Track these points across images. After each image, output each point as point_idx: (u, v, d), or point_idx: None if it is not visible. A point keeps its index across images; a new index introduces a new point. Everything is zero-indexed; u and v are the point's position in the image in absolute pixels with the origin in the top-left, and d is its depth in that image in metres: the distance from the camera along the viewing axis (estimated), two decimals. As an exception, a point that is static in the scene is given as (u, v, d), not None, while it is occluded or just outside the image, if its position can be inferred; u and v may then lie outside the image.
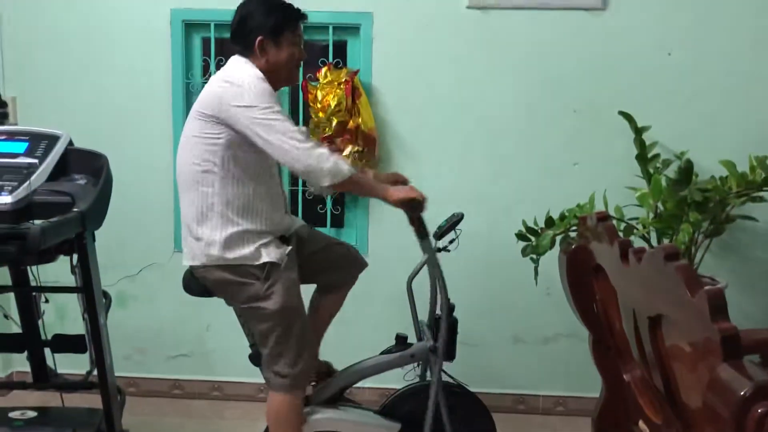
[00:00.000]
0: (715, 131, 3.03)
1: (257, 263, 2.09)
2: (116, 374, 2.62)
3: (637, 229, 2.62)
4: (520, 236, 2.62)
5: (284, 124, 2.03)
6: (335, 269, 2.41)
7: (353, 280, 2.47)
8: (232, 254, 2.09)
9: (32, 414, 2.52)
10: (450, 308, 2.36)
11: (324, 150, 2.04)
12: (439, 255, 2.33)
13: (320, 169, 2.02)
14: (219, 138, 2.06)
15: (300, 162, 2.01)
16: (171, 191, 3.21)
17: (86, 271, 2.29)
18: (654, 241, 2.70)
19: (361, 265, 2.47)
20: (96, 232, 2.44)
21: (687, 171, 2.46)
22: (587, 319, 2.36)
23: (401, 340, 2.37)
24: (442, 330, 2.26)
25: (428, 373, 2.46)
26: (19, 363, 3.23)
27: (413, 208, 2.18)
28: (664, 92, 3.04)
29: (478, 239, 2.95)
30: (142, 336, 3.35)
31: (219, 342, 3.32)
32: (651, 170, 2.78)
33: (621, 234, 2.42)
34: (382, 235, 3.15)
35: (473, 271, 3.17)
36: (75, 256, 2.37)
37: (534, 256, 2.64)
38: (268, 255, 2.11)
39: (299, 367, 2.14)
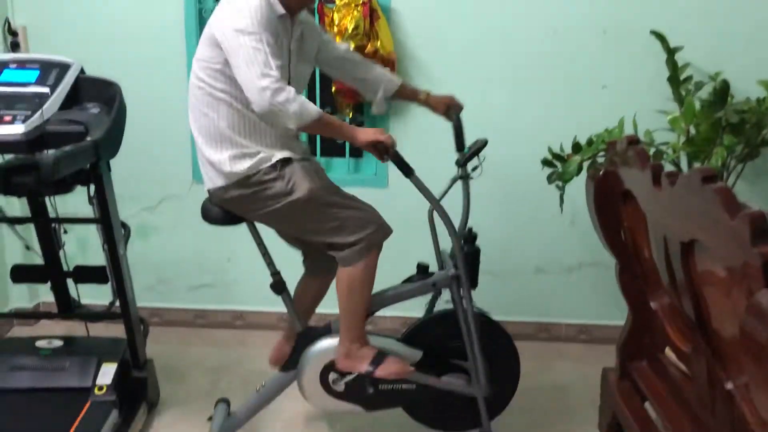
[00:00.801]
0: (752, 51, 2.88)
1: (269, 165, 2.06)
2: (140, 305, 2.64)
3: (667, 154, 2.53)
4: (545, 162, 2.54)
5: (259, 56, 1.91)
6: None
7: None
8: (242, 166, 2.06)
9: (58, 343, 2.55)
10: (471, 237, 2.31)
11: (290, 92, 1.93)
12: (461, 182, 2.27)
13: (285, 111, 1.92)
14: (220, 61, 2.01)
15: (262, 101, 1.91)
16: (187, 120, 3.14)
17: (103, 201, 2.27)
18: (684, 167, 2.61)
19: None
20: (113, 164, 2.41)
21: (722, 92, 2.34)
22: (614, 246, 2.30)
23: (422, 269, 2.33)
24: (459, 257, 2.22)
25: (438, 305, 2.44)
26: (45, 294, 3.26)
27: (379, 151, 2.08)
28: (698, 10, 2.88)
29: (501, 166, 2.87)
30: (164, 267, 3.36)
31: (240, 272, 3.32)
32: (683, 93, 2.66)
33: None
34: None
35: (496, 199, 3.11)
36: (92, 187, 2.34)
37: (559, 183, 2.56)
38: (281, 154, 2.08)
39: (368, 228, 2.10)
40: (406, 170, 2.15)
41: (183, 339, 3.29)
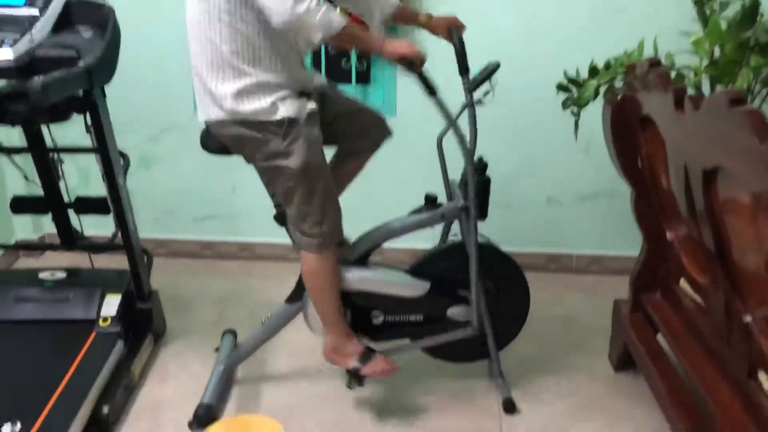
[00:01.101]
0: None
1: (274, 118, 1.94)
2: (144, 236, 2.60)
3: (689, 77, 2.40)
4: (560, 87, 2.41)
5: None
6: (359, 136, 2.25)
7: (377, 147, 2.31)
8: (246, 107, 1.93)
9: (62, 275, 2.52)
10: (481, 166, 2.22)
11: (312, 0, 1.78)
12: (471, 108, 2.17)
13: (309, 21, 1.77)
14: None
15: (283, 12, 1.76)
16: (187, 45, 3.02)
17: (99, 129, 2.19)
18: (706, 92, 2.48)
19: (387, 132, 2.30)
20: (111, 92, 2.32)
21: (752, 10, 2.19)
22: (630, 174, 2.21)
23: (431, 200, 2.25)
24: (470, 185, 2.14)
25: (452, 235, 2.38)
26: (50, 226, 3.21)
27: (407, 65, 1.96)
28: None
29: (513, 92, 2.76)
30: (168, 198, 3.30)
31: (246, 203, 3.27)
32: (707, 12, 2.51)
33: (671, 83, 2.20)
34: (411, 92, 2.97)
35: (508, 126, 3.01)
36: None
37: (575, 109, 2.44)
38: (286, 110, 1.94)
39: (326, 226, 2.06)
40: (431, 90, 2.04)
41: (189, 270, 3.26)
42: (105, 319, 2.35)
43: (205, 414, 2.14)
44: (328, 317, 2.17)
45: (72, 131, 2.39)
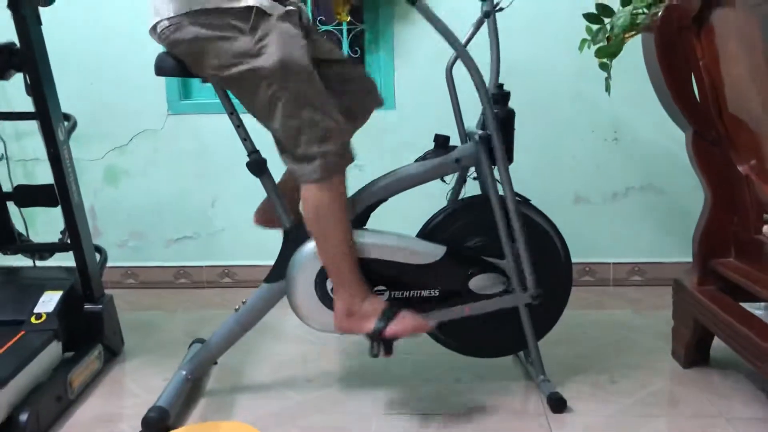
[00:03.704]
0: None
1: (238, 6, 1.56)
2: (110, 264, 2.23)
3: None
4: (589, 17, 2.04)
5: None
6: (346, 93, 1.82)
7: (365, 116, 1.91)
8: None
9: (-3, 274, 2.07)
10: (502, 95, 1.82)
11: None
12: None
13: None
14: None
15: None
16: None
17: (32, 56, 1.79)
18: None
19: (377, 100, 1.93)
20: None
21: None
22: (684, 102, 1.80)
23: (442, 142, 1.81)
24: (489, 114, 1.71)
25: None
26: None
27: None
28: None
29: (531, 75, 2.44)
30: (138, 218, 2.87)
31: (227, 219, 2.84)
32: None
33: None
34: (410, 82, 2.66)
35: (526, 115, 2.63)
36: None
37: (607, 61, 2.08)
38: None
39: (329, 144, 1.60)
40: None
41: (164, 302, 2.77)
42: (38, 316, 1.86)
43: (158, 418, 1.61)
44: (339, 269, 1.67)
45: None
